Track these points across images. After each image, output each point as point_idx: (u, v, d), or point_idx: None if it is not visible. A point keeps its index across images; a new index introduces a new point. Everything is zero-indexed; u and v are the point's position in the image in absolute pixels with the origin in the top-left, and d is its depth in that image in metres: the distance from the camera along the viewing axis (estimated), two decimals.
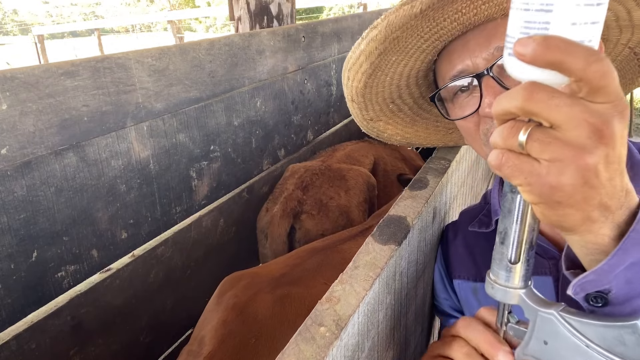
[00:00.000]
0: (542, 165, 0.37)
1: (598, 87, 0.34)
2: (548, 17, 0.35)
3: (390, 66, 0.67)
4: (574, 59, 0.33)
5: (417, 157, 2.21)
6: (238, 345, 0.88)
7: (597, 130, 0.35)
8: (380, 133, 0.82)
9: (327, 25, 1.93)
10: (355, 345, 0.55)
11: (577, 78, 0.34)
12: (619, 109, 0.35)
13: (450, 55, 0.66)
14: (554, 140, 0.36)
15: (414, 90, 0.76)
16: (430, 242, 0.84)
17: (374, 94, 0.72)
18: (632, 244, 0.40)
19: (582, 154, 0.35)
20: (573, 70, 0.34)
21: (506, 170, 0.39)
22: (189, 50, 1.22)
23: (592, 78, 0.34)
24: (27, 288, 0.94)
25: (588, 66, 0.33)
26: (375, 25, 0.60)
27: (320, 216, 1.47)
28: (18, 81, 0.86)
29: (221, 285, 1.07)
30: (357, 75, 0.66)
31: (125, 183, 1.11)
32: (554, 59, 0.34)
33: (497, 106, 0.38)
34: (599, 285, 0.42)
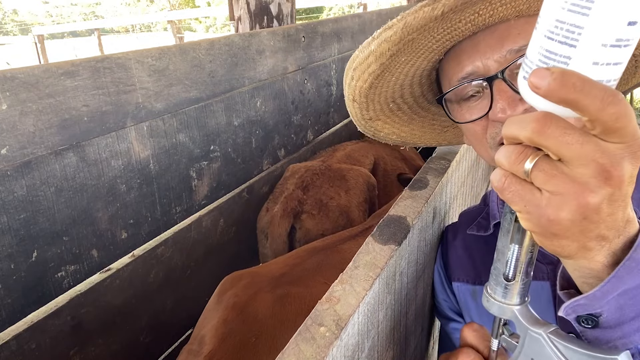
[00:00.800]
0: (543, 196, 0.37)
1: (613, 129, 0.33)
2: (571, 51, 0.34)
3: (398, 66, 0.66)
4: (589, 100, 0.32)
5: (417, 157, 2.21)
6: (238, 345, 0.88)
7: (604, 170, 0.34)
8: (376, 132, 0.82)
9: (327, 25, 1.93)
10: (355, 345, 0.55)
11: (592, 118, 0.33)
12: (632, 150, 0.34)
13: (458, 56, 0.65)
14: (559, 174, 0.36)
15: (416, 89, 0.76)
16: (430, 242, 0.84)
17: (378, 93, 0.71)
18: (627, 272, 0.39)
19: (584, 192, 0.35)
20: (588, 110, 0.33)
21: (507, 195, 0.39)
22: (189, 50, 1.22)
23: (607, 120, 0.33)
24: (27, 288, 0.94)
25: (604, 108, 0.32)
26: (391, 25, 0.57)
27: (320, 216, 1.47)
28: (18, 81, 0.86)
29: (221, 285, 1.08)
30: (364, 75, 0.65)
31: (125, 183, 1.11)
32: (568, 97, 0.33)
33: (506, 130, 0.38)
34: (590, 309, 0.43)
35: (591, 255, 0.39)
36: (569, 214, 0.36)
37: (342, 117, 2.20)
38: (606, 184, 0.35)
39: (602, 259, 0.40)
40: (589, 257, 0.40)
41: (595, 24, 0.32)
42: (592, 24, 0.32)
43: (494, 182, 0.40)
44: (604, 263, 0.40)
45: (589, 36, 0.33)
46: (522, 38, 0.59)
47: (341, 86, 2.12)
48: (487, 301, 0.48)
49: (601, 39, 0.32)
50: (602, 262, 0.40)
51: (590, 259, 0.40)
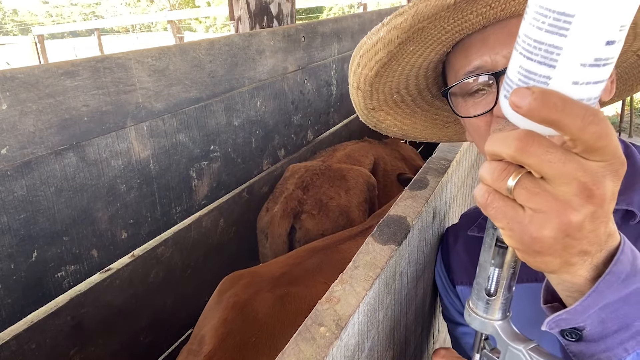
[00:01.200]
0: (526, 214, 0.37)
1: (594, 148, 0.33)
2: (550, 72, 0.34)
3: (405, 56, 0.65)
4: (570, 119, 0.32)
5: (417, 157, 2.21)
6: (238, 344, 0.88)
7: (587, 189, 0.35)
8: (378, 123, 0.81)
9: (327, 25, 1.93)
10: (355, 345, 0.55)
11: (573, 137, 0.33)
12: (614, 168, 0.35)
13: (466, 49, 0.64)
14: (542, 191, 0.36)
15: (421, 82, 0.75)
16: (430, 242, 0.84)
17: (383, 83, 0.70)
18: (607, 286, 0.40)
19: (566, 210, 0.35)
20: (569, 130, 0.33)
21: (490, 212, 0.39)
22: (189, 50, 1.22)
23: (588, 139, 0.33)
24: (27, 288, 0.94)
25: (585, 128, 0.32)
26: (402, 12, 0.56)
27: (320, 216, 1.47)
28: (18, 81, 0.86)
29: (221, 284, 1.08)
30: (370, 62, 0.64)
31: (125, 183, 1.11)
32: (549, 116, 0.33)
33: (489, 147, 0.38)
34: (572, 323, 0.43)
35: (574, 269, 0.40)
36: (552, 232, 0.36)
37: (342, 117, 2.20)
38: (588, 202, 0.35)
39: (584, 273, 0.40)
40: (571, 271, 0.40)
41: (574, 45, 0.32)
42: (571, 45, 0.32)
43: (477, 197, 0.40)
44: (586, 277, 0.40)
45: (568, 56, 0.33)
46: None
47: (341, 86, 2.12)
48: (469, 316, 0.48)
49: (580, 59, 0.32)
50: (585, 277, 0.40)
51: (573, 274, 0.40)
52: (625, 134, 4.86)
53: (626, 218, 0.63)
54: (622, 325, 0.42)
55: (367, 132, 2.30)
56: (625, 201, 0.62)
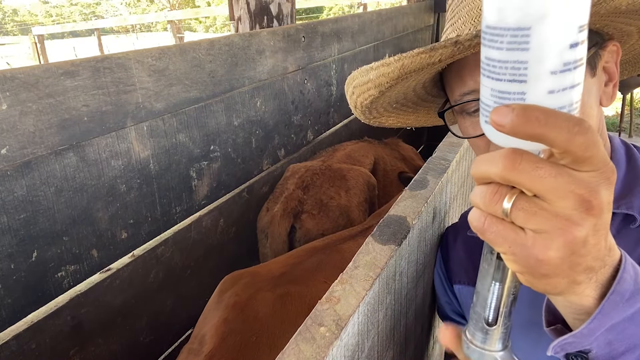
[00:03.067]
0: (527, 236, 0.35)
1: (583, 159, 0.33)
2: (523, 87, 0.33)
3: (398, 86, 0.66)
4: (556, 132, 0.32)
5: (417, 157, 2.21)
6: (239, 344, 0.88)
7: (585, 201, 0.33)
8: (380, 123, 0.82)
9: (327, 25, 1.93)
10: (355, 345, 0.55)
11: (561, 150, 0.32)
12: (606, 176, 0.34)
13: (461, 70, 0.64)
14: (540, 210, 0.34)
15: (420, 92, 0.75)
16: (430, 242, 0.84)
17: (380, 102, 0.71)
18: (612, 307, 0.38)
19: (570, 226, 0.34)
20: (556, 143, 0.32)
21: (489, 236, 0.37)
22: (189, 50, 1.22)
23: (576, 150, 0.32)
24: (27, 288, 0.94)
25: (572, 139, 0.32)
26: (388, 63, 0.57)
27: (320, 216, 1.47)
28: (18, 81, 0.86)
29: (221, 284, 1.08)
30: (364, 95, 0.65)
31: (125, 183, 1.11)
32: (534, 131, 0.32)
33: (475, 169, 0.37)
34: (579, 347, 0.41)
35: (581, 289, 0.38)
36: (558, 252, 0.35)
37: (342, 117, 2.20)
38: (589, 215, 0.34)
39: (591, 292, 0.39)
40: (578, 292, 0.38)
41: (538, 56, 0.32)
42: (535, 57, 0.32)
43: (472, 222, 0.38)
44: (593, 297, 0.39)
45: (536, 68, 0.32)
46: None
47: (341, 86, 2.12)
48: (467, 348, 0.45)
49: (549, 68, 0.32)
50: (592, 296, 0.39)
51: (580, 294, 0.38)
52: (625, 134, 4.86)
53: (626, 222, 0.63)
54: (629, 346, 0.40)
55: (367, 132, 2.30)
56: (626, 205, 0.62)
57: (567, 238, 0.34)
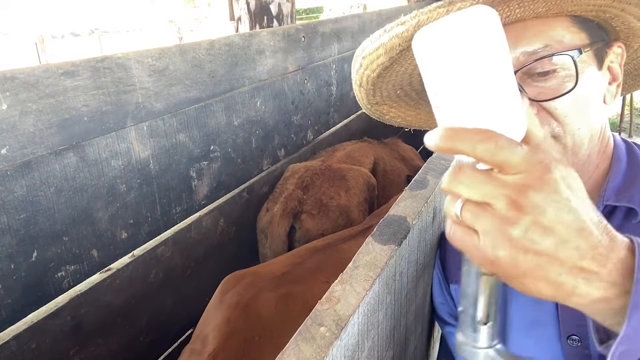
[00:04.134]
0: (479, 238, 0.38)
1: (497, 164, 0.36)
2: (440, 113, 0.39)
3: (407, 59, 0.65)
4: (462, 145, 0.36)
5: (416, 157, 2.21)
6: (242, 343, 0.88)
7: (513, 201, 0.36)
8: (382, 115, 0.81)
9: (327, 25, 1.93)
10: (355, 345, 0.55)
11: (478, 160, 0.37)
12: (533, 177, 0.36)
13: None
14: (483, 212, 0.37)
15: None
16: (430, 242, 0.84)
17: (386, 82, 0.70)
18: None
19: (505, 224, 0.36)
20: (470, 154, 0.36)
21: (455, 242, 0.40)
22: (189, 50, 1.22)
23: (484, 157, 0.36)
24: (27, 288, 0.94)
25: (475, 148, 0.35)
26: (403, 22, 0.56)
27: (320, 216, 1.47)
28: (18, 81, 0.86)
29: (223, 284, 1.07)
30: (372, 65, 0.64)
31: (125, 183, 1.11)
32: (446, 147, 0.37)
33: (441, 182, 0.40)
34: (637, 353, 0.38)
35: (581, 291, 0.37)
36: (504, 250, 0.37)
37: (342, 117, 2.20)
38: (522, 213, 0.36)
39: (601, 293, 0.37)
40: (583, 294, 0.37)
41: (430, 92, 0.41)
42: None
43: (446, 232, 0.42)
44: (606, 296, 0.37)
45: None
46: (538, 40, 0.58)
47: (341, 86, 2.12)
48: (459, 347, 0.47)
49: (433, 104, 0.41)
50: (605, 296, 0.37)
51: (587, 297, 0.37)
52: (625, 134, 4.86)
53: (628, 216, 0.63)
54: None
55: (367, 132, 2.30)
56: (627, 198, 0.62)
57: (506, 235, 0.36)
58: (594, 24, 0.62)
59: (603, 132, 0.66)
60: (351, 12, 8.54)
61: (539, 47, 0.58)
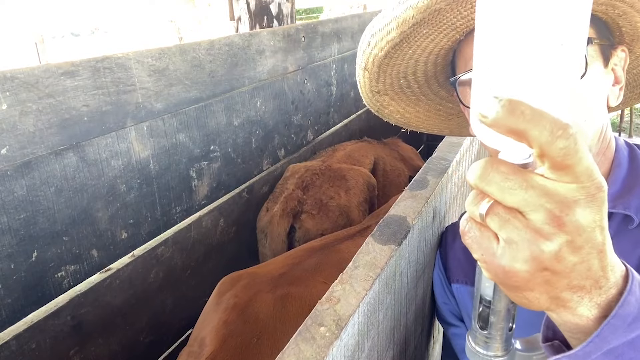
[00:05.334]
0: (499, 245, 0.35)
1: (562, 166, 0.31)
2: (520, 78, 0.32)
3: (418, 38, 0.63)
4: (538, 131, 0.30)
5: (416, 157, 2.21)
6: (240, 346, 0.88)
7: (554, 217, 0.32)
8: (381, 108, 0.80)
9: (327, 25, 1.93)
10: (355, 345, 0.55)
11: (540, 152, 0.31)
12: (587, 192, 0.32)
13: None
14: (513, 219, 0.33)
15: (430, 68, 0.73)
16: (430, 242, 0.84)
17: (391, 65, 0.69)
18: (611, 331, 0.36)
19: (538, 240, 0.33)
20: (537, 142, 0.30)
21: (467, 241, 0.37)
22: (189, 50, 1.22)
23: (555, 155, 0.30)
24: (27, 288, 0.94)
25: (553, 142, 0.30)
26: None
27: (320, 216, 1.47)
28: (18, 81, 0.86)
29: (220, 285, 1.07)
30: (382, 42, 0.61)
31: (125, 183, 1.11)
32: (516, 126, 0.30)
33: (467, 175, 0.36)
34: None
35: (570, 306, 0.36)
36: (524, 265, 0.34)
37: (342, 117, 2.20)
38: (560, 231, 0.32)
39: (586, 312, 0.36)
40: (569, 309, 0.36)
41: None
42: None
43: (460, 225, 0.38)
44: (588, 317, 0.36)
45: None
46: None
47: (341, 86, 2.12)
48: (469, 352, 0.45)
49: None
50: (587, 316, 0.36)
51: (573, 313, 0.36)
52: (625, 134, 4.86)
53: (625, 223, 0.62)
54: None
55: (367, 132, 2.30)
56: (624, 205, 0.62)
57: (533, 252, 0.33)
58: (601, 23, 0.62)
59: (604, 133, 0.66)
60: (351, 12, 8.54)
61: None
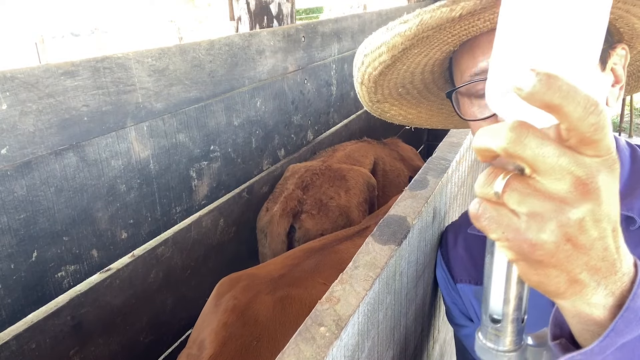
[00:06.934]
0: (521, 220, 0.35)
1: (590, 141, 0.32)
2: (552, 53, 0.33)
3: (410, 57, 0.64)
4: (573, 106, 0.31)
5: (416, 157, 2.21)
6: (240, 348, 0.88)
7: (581, 183, 0.33)
8: (383, 113, 0.81)
9: (327, 25, 1.93)
10: (355, 345, 0.55)
11: (571, 127, 0.32)
12: (608, 164, 0.33)
13: (473, 50, 0.63)
14: (534, 192, 0.34)
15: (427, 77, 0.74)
16: (430, 242, 0.84)
17: (387, 80, 0.70)
18: (625, 325, 0.36)
19: (564, 208, 0.33)
20: (569, 117, 0.31)
21: (483, 223, 0.37)
22: (189, 50, 1.22)
23: (586, 130, 0.31)
24: (27, 288, 0.94)
25: (585, 117, 0.31)
26: (406, 20, 0.55)
27: (320, 216, 1.47)
28: (18, 81, 0.86)
29: (218, 287, 1.07)
30: (374, 63, 0.63)
31: (125, 183, 1.11)
32: (553, 100, 0.31)
33: (477, 141, 0.35)
34: None
35: (587, 292, 0.36)
36: (552, 235, 0.34)
37: (342, 117, 2.20)
38: (584, 198, 0.33)
39: (601, 301, 0.36)
40: (585, 296, 0.36)
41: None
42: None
43: (470, 211, 0.38)
44: (604, 306, 0.37)
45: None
46: None
47: (341, 86, 2.12)
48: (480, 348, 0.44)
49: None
50: (603, 305, 0.37)
51: (588, 301, 0.37)
52: (625, 134, 4.87)
53: (627, 224, 0.62)
54: None
55: (367, 132, 2.30)
56: (626, 207, 0.61)
57: (560, 220, 0.33)
58: None
59: None
60: (351, 12, 8.54)
61: None
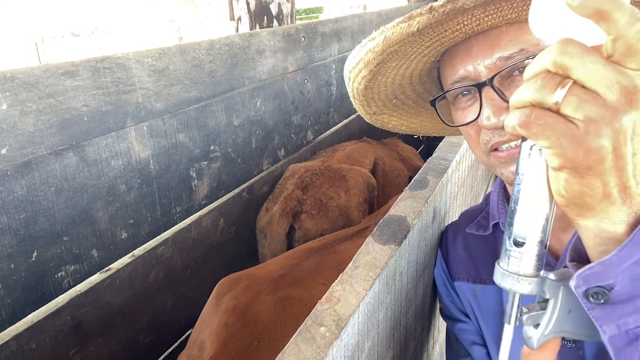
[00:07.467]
0: (578, 126, 0.36)
1: (634, 51, 0.34)
2: None
3: (390, 70, 0.67)
4: (621, 13, 0.33)
5: (416, 157, 2.21)
6: (240, 348, 0.88)
7: (628, 92, 0.34)
8: (384, 124, 0.82)
9: (327, 25, 1.93)
10: (355, 345, 0.55)
11: (617, 35, 0.33)
12: None
13: (452, 58, 0.66)
14: (593, 99, 0.35)
15: (418, 87, 0.76)
16: (430, 242, 0.84)
17: (376, 92, 0.73)
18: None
19: (617, 114, 0.35)
20: (617, 24, 0.33)
21: (536, 129, 0.37)
22: (189, 50, 1.22)
23: (632, 37, 0.33)
24: (27, 288, 0.94)
25: (633, 24, 0.33)
26: (373, 37, 0.59)
27: (319, 216, 1.47)
28: (18, 81, 0.86)
29: (218, 287, 1.07)
30: (358, 78, 0.67)
31: (125, 183, 1.11)
32: (603, 7, 0.33)
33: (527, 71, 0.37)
34: (603, 279, 0.39)
35: (613, 210, 0.38)
36: (607, 141, 0.35)
37: (342, 117, 2.20)
38: (632, 107, 0.35)
39: (624, 217, 0.38)
40: (611, 213, 0.38)
41: None
42: None
43: (513, 120, 0.38)
44: (627, 222, 0.38)
45: None
46: (513, 45, 0.60)
47: (341, 86, 2.12)
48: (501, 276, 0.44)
49: None
50: (625, 222, 0.38)
51: (613, 218, 0.38)
52: None
53: None
54: None
55: (367, 132, 2.30)
56: None
57: (615, 126, 0.35)
58: None
59: None
60: (351, 12, 8.55)
61: (514, 52, 0.60)
